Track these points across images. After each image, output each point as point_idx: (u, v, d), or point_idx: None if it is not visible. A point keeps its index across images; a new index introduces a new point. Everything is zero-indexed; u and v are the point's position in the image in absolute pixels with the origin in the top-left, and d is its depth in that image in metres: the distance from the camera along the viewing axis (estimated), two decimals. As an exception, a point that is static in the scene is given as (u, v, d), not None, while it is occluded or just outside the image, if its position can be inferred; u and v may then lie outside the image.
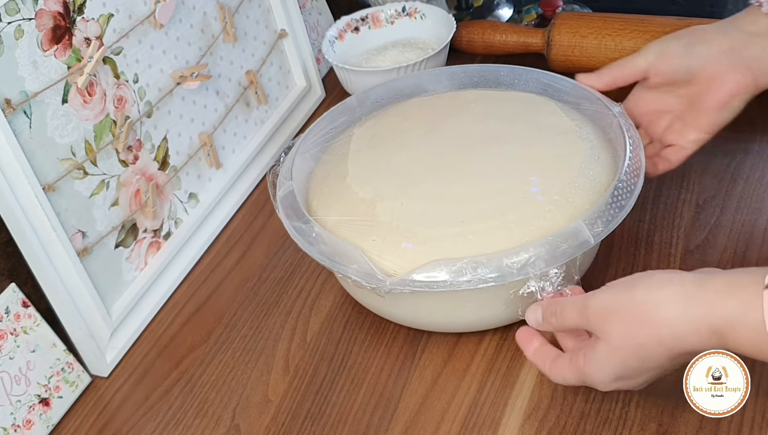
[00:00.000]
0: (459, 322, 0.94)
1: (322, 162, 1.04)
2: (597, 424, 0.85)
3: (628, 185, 0.90)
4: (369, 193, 0.94)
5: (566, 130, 0.98)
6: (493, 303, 0.91)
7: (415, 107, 1.07)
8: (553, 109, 1.02)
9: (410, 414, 0.90)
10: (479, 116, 1.02)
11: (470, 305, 0.91)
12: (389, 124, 1.05)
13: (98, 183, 0.99)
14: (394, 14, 1.37)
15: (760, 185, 1.06)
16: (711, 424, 0.83)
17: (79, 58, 0.96)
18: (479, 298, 0.89)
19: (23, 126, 0.90)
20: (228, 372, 0.97)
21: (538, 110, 1.02)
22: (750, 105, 1.16)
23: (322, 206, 0.97)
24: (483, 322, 0.94)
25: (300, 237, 0.93)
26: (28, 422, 0.92)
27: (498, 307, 0.91)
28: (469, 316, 0.93)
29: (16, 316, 0.92)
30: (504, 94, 1.07)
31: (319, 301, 1.03)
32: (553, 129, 0.99)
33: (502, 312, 0.92)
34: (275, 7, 1.25)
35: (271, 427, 0.91)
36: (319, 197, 0.98)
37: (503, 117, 1.02)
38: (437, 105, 1.06)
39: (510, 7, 1.45)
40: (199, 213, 1.13)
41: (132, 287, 1.04)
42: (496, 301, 0.91)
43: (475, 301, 0.90)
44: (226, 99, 1.17)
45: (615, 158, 0.96)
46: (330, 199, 0.96)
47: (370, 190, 0.95)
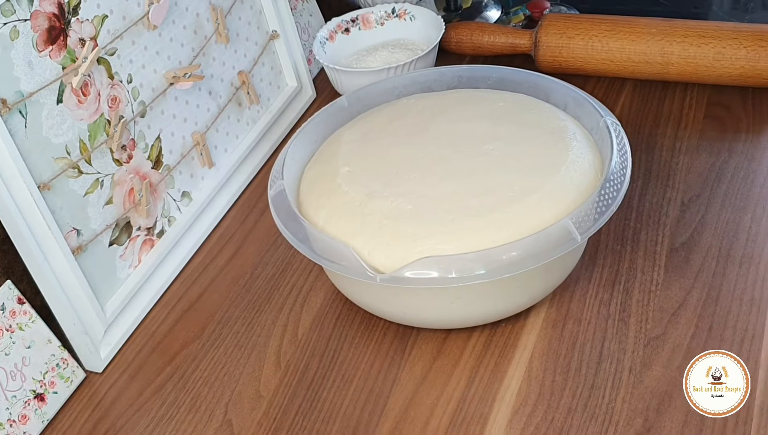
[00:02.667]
0: (448, 318, 0.95)
1: (313, 161, 1.05)
2: (584, 419, 0.86)
3: (615, 184, 0.91)
4: (359, 192, 0.96)
5: (554, 129, 0.99)
6: (483, 300, 0.92)
7: (405, 107, 1.08)
8: (542, 109, 1.03)
9: (400, 409, 0.91)
10: (468, 116, 1.03)
11: (459, 302, 0.92)
12: (379, 124, 1.06)
13: (92, 182, 1.00)
14: (384, 16, 1.38)
15: (745, 184, 1.07)
16: (696, 419, 0.84)
17: (73, 58, 0.97)
18: (468, 295, 0.91)
19: (18, 125, 0.91)
20: (220, 368, 0.98)
21: (526, 110, 1.03)
22: (735, 105, 1.18)
23: (312, 205, 0.98)
24: (472, 319, 0.95)
25: (291, 235, 0.94)
26: (23, 417, 0.93)
27: (487, 303, 0.93)
28: (458, 313, 0.94)
29: (12, 312, 0.93)
30: (493, 94, 1.08)
31: (310, 298, 1.04)
32: (541, 128, 1.00)
33: (491, 308, 0.93)
34: (267, 8, 1.26)
35: (262, 422, 0.92)
36: (310, 197, 0.99)
37: (492, 117, 1.02)
38: (427, 105, 1.07)
39: (498, 8, 1.46)
40: (191, 211, 1.13)
41: (126, 284, 1.05)
42: (486, 298, 0.92)
43: (464, 298, 0.91)
44: (218, 99, 1.18)
45: (602, 158, 0.97)
46: (321, 198, 0.97)
47: (361, 189, 0.96)
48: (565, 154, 0.95)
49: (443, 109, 1.06)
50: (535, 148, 0.97)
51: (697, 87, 1.23)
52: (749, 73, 1.17)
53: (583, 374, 0.90)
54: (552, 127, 1.00)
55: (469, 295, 0.91)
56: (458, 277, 0.86)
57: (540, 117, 1.02)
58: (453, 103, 1.06)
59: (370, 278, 0.88)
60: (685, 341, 0.91)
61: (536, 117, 1.02)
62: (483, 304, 0.93)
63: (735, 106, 1.19)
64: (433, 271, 0.87)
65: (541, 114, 1.02)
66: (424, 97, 1.10)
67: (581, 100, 1.03)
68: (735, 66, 1.18)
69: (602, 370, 0.91)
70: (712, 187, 1.08)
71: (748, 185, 1.07)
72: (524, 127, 1.00)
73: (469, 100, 1.07)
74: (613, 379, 0.89)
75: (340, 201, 0.96)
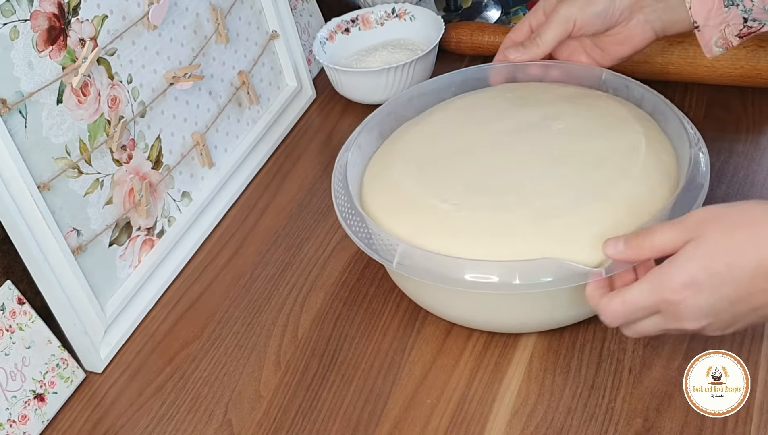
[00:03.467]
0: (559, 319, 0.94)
1: (378, 156, 1.04)
2: (584, 419, 0.86)
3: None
4: (424, 192, 0.95)
5: (631, 144, 0.96)
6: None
7: (487, 100, 1.07)
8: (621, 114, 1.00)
9: (400, 409, 0.91)
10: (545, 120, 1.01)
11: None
12: (465, 114, 1.05)
13: (92, 182, 1.00)
14: (384, 16, 1.38)
15: (745, 184, 1.07)
16: (696, 419, 0.84)
17: (73, 58, 0.97)
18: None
19: (19, 126, 0.91)
20: (220, 368, 0.98)
21: (613, 117, 1.00)
22: (735, 105, 1.18)
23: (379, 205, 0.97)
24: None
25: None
26: (23, 417, 0.93)
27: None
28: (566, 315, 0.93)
29: (12, 312, 0.93)
30: (581, 99, 1.04)
31: (310, 298, 1.04)
32: (619, 139, 0.97)
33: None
34: (267, 8, 1.26)
35: (262, 422, 0.92)
36: (379, 198, 0.98)
37: (575, 131, 0.99)
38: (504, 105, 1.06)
39: (498, 8, 1.47)
40: (191, 211, 1.13)
41: (126, 284, 1.05)
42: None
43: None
44: (218, 99, 1.18)
45: (676, 156, 0.96)
46: (390, 203, 0.97)
47: (424, 190, 0.95)
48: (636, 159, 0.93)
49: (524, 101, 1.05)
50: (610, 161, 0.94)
51: (697, 87, 1.22)
52: (749, 73, 1.17)
53: (583, 374, 0.90)
54: (629, 139, 0.97)
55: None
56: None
57: (620, 123, 0.99)
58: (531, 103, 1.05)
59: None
60: (685, 341, 0.90)
61: (618, 127, 0.99)
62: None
63: (735, 106, 1.19)
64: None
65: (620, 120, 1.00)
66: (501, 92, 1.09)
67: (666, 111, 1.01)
68: (735, 66, 1.18)
69: (602, 370, 0.91)
70: (712, 187, 1.06)
71: (748, 185, 1.07)
72: (603, 140, 0.97)
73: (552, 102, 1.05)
74: (613, 379, 0.90)
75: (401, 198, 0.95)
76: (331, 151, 1.26)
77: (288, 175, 1.23)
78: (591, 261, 0.85)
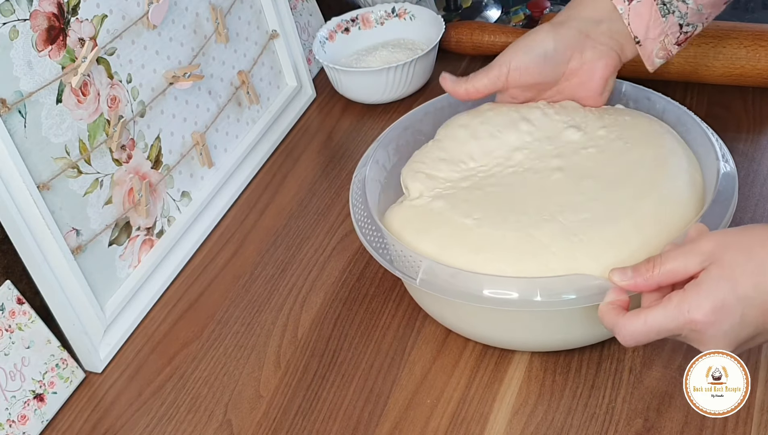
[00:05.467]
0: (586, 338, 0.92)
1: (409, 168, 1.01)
2: (584, 419, 0.87)
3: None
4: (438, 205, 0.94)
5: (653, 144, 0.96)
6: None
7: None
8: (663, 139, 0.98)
9: (400, 409, 0.91)
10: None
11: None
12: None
13: (92, 181, 1.00)
14: (384, 15, 1.38)
15: (745, 184, 1.07)
16: (696, 420, 0.84)
17: (73, 58, 0.97)
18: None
19: (18, 125, 0.91)
20: (220, 368, 0.98)
21: (637, 131, 0.99)
22: (735, 105, 1.18)
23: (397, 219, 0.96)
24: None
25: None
26: (22, 417, 0.93)
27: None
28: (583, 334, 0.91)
29: (11, 312, 0.93)
30: (604, 113, 1.02)
31: (310, 299, 1.04)
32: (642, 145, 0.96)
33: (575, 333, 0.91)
34: (266, 8, 1.26)
35: (262, 422, 0.92)
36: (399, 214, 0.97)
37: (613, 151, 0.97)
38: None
39: (498, 8, 1.47)
40: (191, 211, 1.13)
41: (125, 284, 1.05)
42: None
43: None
44: (218, 99, 1.18)
45: (701, 171, 0.95)
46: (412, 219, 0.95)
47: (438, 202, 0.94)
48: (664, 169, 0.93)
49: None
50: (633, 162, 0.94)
51: (697, 87, 1.23)
52: (749, 73, 1.17)
53: (583, 374, 0.90)
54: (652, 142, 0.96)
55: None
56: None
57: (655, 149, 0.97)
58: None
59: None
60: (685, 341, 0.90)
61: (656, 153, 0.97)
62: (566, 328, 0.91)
63: (735, 106, 1.19)
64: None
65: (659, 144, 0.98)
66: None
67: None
68: (735, 66, 1.18)
69: (602, 370, 0.91)
70: (713, 187, 1.07)
71: (748, 185, 1.07)
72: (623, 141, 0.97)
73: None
74: (613, 379, 0.90)
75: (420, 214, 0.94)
76: (331, 151, 1.26)
77: (288, 175, 1.23)
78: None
